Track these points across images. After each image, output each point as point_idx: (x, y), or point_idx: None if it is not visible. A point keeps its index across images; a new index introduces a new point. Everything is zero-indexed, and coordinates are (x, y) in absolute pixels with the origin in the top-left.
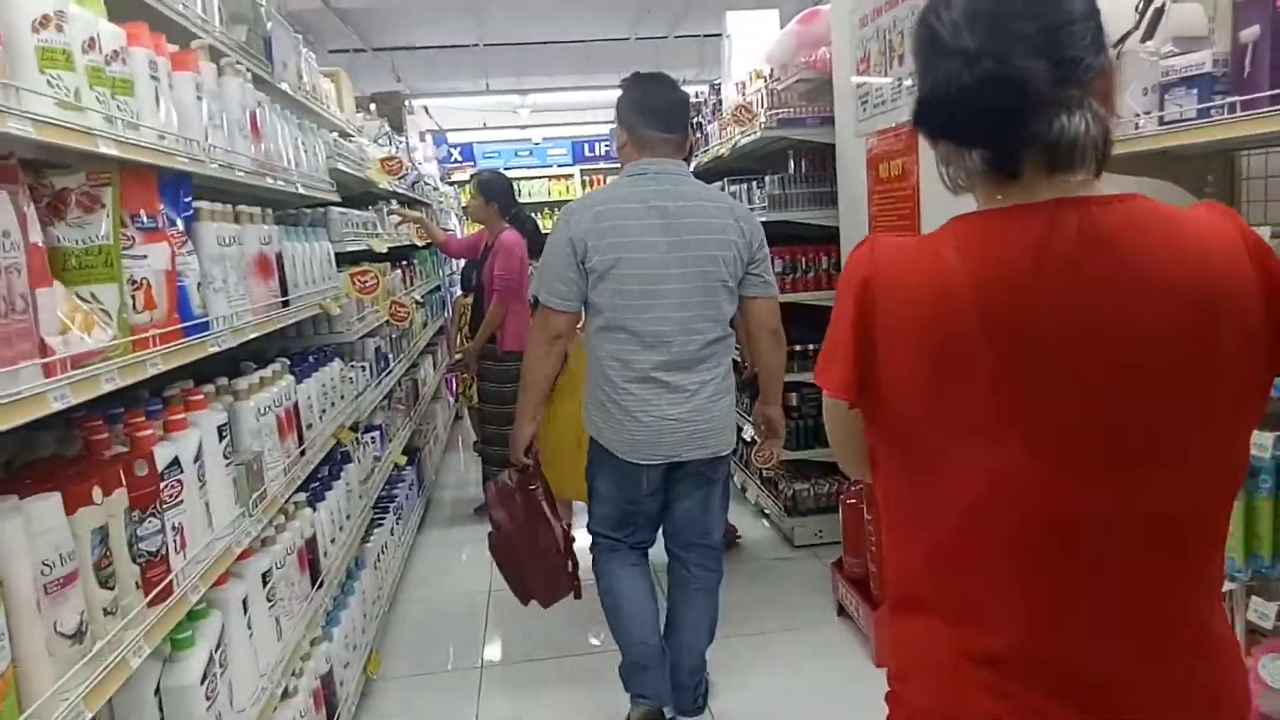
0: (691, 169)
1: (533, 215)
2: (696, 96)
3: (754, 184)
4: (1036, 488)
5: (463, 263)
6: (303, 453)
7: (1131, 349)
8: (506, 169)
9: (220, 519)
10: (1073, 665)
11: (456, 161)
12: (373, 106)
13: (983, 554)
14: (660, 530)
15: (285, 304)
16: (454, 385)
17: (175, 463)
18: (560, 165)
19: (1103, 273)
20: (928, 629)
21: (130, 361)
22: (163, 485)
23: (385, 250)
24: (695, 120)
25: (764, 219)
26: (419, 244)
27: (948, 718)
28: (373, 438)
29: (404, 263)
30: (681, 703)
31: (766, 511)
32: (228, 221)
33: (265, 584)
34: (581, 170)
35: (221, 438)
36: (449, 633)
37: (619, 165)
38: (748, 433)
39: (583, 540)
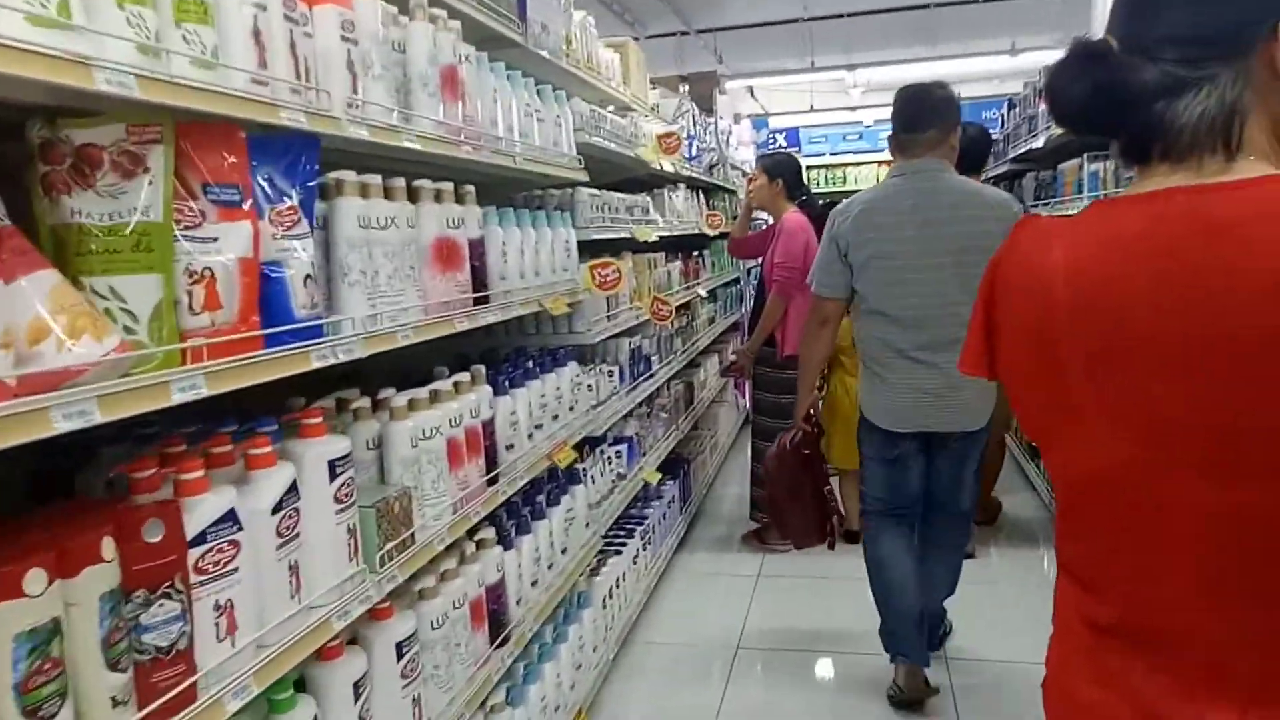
0: None
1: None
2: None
3: None
4: (1129, 473)
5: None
6: (492, 481)
7: (1230, 343)
8: (833, 154)
9: (319, 582)
10: (1170, 641)
11: (781, 147)
12: (683, 87)
13: (1089, 527)
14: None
15: (481, 300)
16: (741, 386)
17: (228, 518)
18: None
19: (1205, 263)
20: (1061, 592)
21: (132, 386)
22: (200, 551)
23: (654, 239)
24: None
25: None
26: (710, 233)
27: (1062, 686)
28: (618, 452)
29: (695, 254)
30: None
31: None
32: (381, 197)
33: (401, 655)
34: None
35: (335, 475)
36: (681, 691)
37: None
38: None
39: None
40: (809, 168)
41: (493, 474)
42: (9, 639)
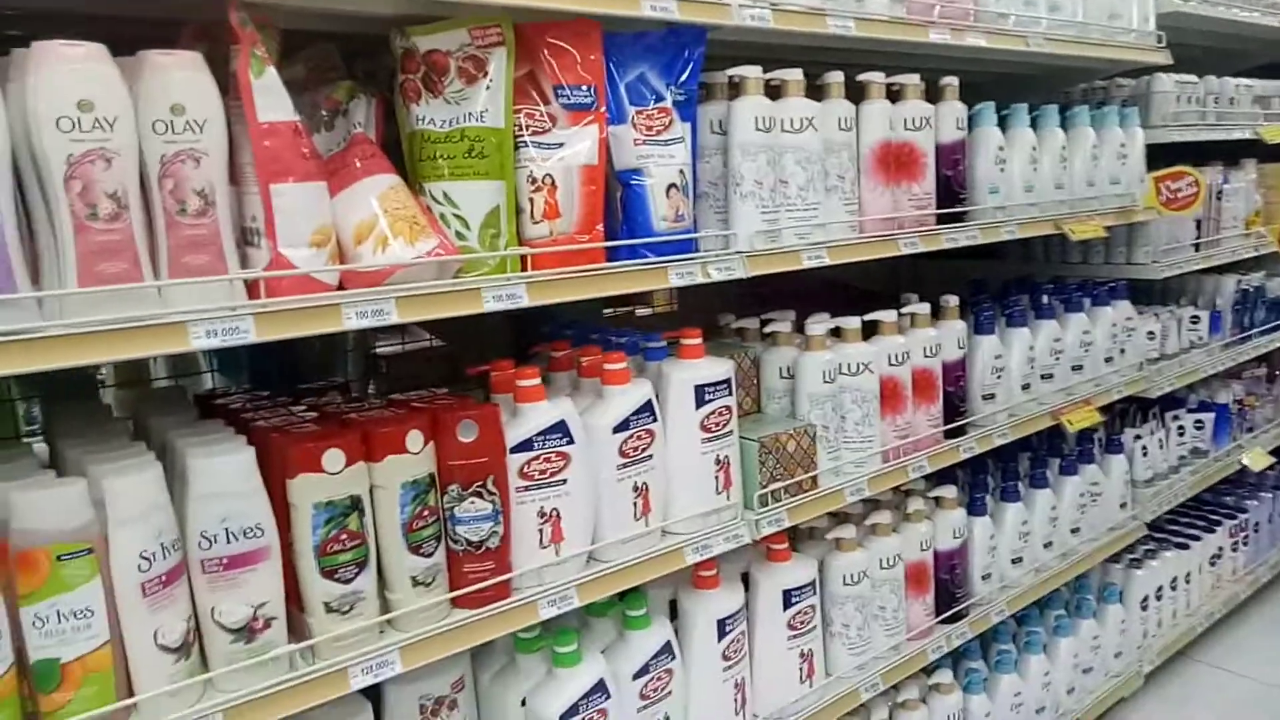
0: None
1: None
2: None
3: None
4: None
5: None
6: (955, 433)
7: None
8: None
9: (675, 510)
10: None
11: None
12: None
13: None
14: None
15: (948, 218)
16: None
17: (557, 429)
18: None
19: None
20: None
21: (438, 290)
22: (525, 457)
23: None
24: None
25: None
26: None
27: None
28: (1198, 422)
29: None
30: None
31: None
32: (800, 95)
33: (789, 604)
34: None
35: (703, 401)
36: None
37: None
38: None
39: None
40: None
41: (955, 425)
42: (309, 506)
